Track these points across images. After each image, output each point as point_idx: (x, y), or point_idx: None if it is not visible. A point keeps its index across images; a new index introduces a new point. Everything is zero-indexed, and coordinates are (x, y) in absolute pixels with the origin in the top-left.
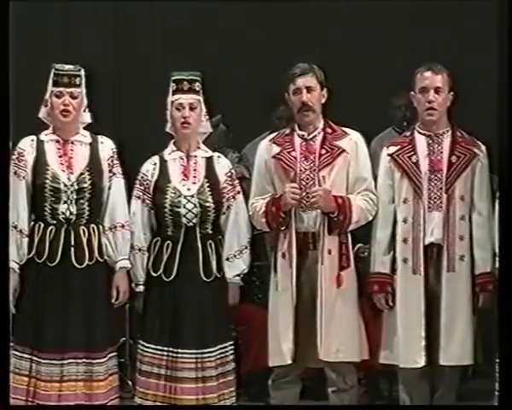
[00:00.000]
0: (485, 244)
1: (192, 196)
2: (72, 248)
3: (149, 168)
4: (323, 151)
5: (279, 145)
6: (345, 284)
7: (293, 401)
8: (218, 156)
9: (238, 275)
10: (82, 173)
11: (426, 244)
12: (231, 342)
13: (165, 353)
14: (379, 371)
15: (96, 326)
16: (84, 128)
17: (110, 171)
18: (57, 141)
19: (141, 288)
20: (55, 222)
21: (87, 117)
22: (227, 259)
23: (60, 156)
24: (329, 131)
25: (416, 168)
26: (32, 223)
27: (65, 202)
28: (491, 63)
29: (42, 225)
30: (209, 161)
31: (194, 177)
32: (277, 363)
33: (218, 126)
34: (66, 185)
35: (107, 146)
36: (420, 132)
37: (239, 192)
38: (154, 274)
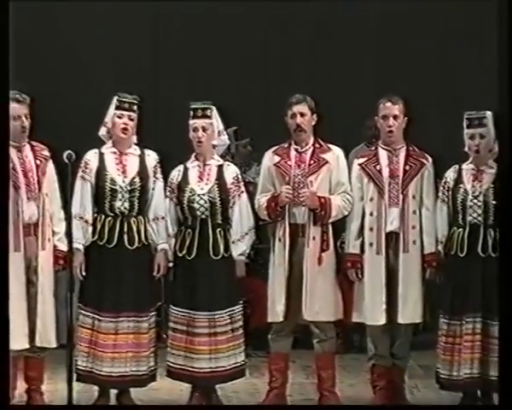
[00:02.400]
0: (431, 232)
1: (204, 195)
2: (125, 234)
3: (175, 174)
4: (312, 162)
5: (279, 156)
6: (324, 262)
7: (287, 350)
8: (228, 164)
9: (241, 254)
10: (134, 178)
11: (387, 232)
12: (239, 306)
13: (186, 314)
14: (352, 327)
15: (143, 293)
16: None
17: (154, 176)
18: (115, 152)
19: (171, 264)
20: (112, 215)
21: (134, 138)
22: (233, 242)
23: (117, 164)
24: (318, 146)
25: (379, 175)
26: (95, 215)
27: (120, 200)
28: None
29: (103, 216)
30: (220, 167)
31: (208, 179)
32: (274, 320)
33: (247, 147)
34: (121, 187)
35: (152, 157)
36: (382, 148)
37: (243, 192)
38: (180, 254)
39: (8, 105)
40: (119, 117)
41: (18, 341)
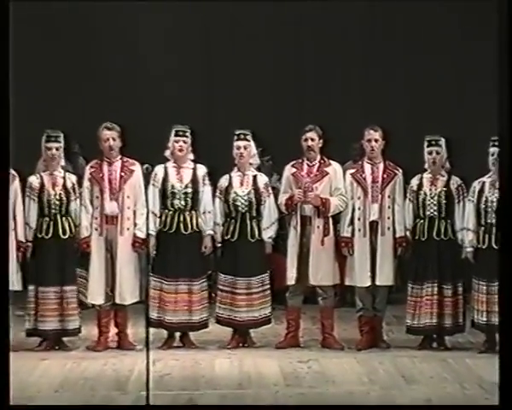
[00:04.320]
0: (401, 221)
1: (244, 196)
2: (181, 224)
3: (223, 181)
4: (317, 173)
5: (295, 168)
6: (326, 244)
7: (299, 305)
8: (260, 175)
9: (269, 237)
10: (187, 184)
11: (370, 221)
12: (268, 273)
13: (230, 279)
14: (346, 288)
15: (194, 265)
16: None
17: (203, 182)
18: (175, 167)
19: (219, 245)
20: (172, 210)
21: (191, 155)
22: (263, 229)
23: (176, 174)
24: (322, 162)
25: (364, 181)
26: (161, 210)
27: (178, 199)
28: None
29: (166, 211)
30: (255, 177)
31: (246, 185)
32: (289, 283)
33: (269, 162)
34: (179, 190)
35: (201, 170)
36: (367, 162)
37: (271, 194)
38: (226, 237)
39: (9, 106)
40: (176, 142)
41: (99, 299)
